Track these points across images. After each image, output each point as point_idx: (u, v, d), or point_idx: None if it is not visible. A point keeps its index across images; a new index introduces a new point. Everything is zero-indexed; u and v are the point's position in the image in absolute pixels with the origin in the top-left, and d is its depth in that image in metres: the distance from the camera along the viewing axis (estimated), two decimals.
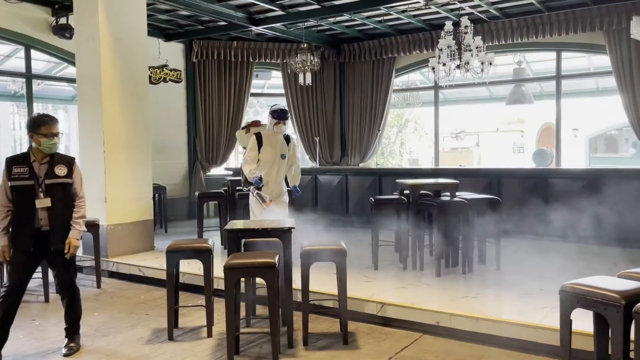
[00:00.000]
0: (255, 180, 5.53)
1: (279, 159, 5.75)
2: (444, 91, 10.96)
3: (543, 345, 3.80)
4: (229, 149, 10.36)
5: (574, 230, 6.83)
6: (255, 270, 3.70)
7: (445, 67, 7.57)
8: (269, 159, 5.68)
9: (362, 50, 10.34)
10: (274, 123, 5.63)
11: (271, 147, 5.68)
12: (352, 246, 7.02)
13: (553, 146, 9.47)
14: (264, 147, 5.65)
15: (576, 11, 8.19)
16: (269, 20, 8.58)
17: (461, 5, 8.08)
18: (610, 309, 2.71)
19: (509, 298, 4.73)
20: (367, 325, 4.52)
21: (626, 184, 6.85)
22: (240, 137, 6.06)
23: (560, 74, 9.11)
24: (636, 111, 7.94)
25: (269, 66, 10.75)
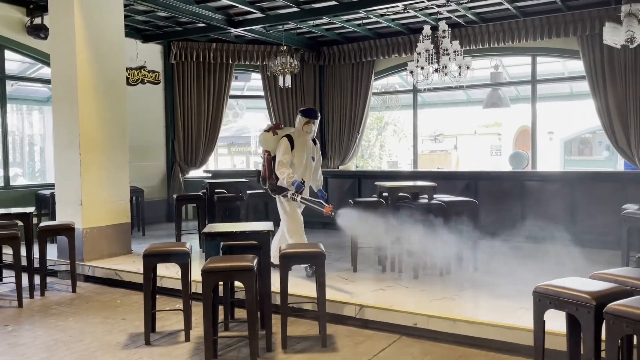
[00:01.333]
0: (297, 185, 5.29)
1: (309, 161, 5.57)
2: (422, 94, 11.06)
3: (518, 346, 3.86)
4: (208, 151, 10.29)
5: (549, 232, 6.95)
6: (233, 273, 3.69)
7: (424, 70, 7.63)
8: (300, 162, 5.50)
9: (341, 53, 10.38)
10: (304, 122, 5.46)
11: (301, 149, 5.48)
12: (332, 249, 7.07)
13: (529, 149, 9.64)
14: (295, 149, 5.44)
15: (551, 17, 8.35)
16: (248, 22, 8.55)
17: (439, 10, 8.17)
18: (581, 310, 2.76)
19: (485, 299, 4.80)
20: (346, 328, 4.53)
21: (599, 186, 7.00)
22: (266, 140, 5.62)
23: (535, 78, 9.26)
24: (608, 115, 8.12)
25: (248, 68, 10.72)
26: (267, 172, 5.61)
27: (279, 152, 5.44)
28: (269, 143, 5.61)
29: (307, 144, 5.55)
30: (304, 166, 5.54)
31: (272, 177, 5.56)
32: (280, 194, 5.52)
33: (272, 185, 5.57)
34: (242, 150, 19.27)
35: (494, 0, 7.84)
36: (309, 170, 5.61)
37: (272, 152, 5.58)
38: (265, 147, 5.65)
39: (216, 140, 10.35)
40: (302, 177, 5.48)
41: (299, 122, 5.51)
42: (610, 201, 6.51)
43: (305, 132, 5.49)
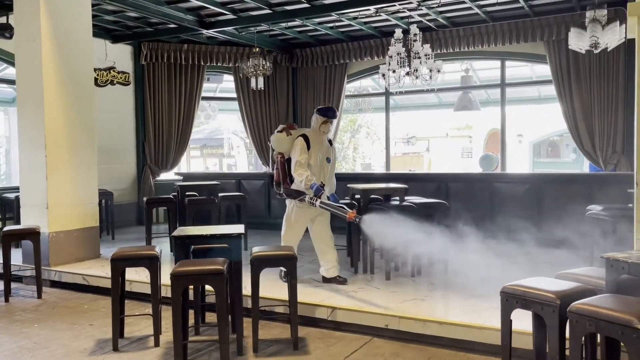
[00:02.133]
0: (316, 188, 5.03)
1: (325, 162, 5.33)
2: (395, 97, 11.15)
3: (488, 345, 3.91)
4: (179, 153, 10.17)
5: (518, 233, 7.09)
6: (203, 277, 3.65)
7: (395, 73, 7.70)
8: (316, 163, 5.24)
9: (314, 55, 10.40)
10: (322, 122, 5.23)
11: (317, 150, 5.25)
12: (305, 251, 7.06)
13: (499, 151, 9.80)
14: (311, 150, 5.19)
15: (519, 22, 8.52)
16: (220, 23, 8.49)
17: (410, 14, 8.25)
18: (546, 309, 2.82)
19: (455, 300, 4.86)
20: (318, 330, 4.53)
21: (566, 188, 7.17)
22: (280, 141, 5.31)
23: (504, 82, 9.44)
24: (574, 118, 8.32)
25: (220, 70, 10.64)
26: (281, 175, 5.30)
27: (295, 153, 5.16)
28: (282, 144, 5.30)
29: (324, 144, 5.33)
30: (320, 167, 5.29)
31: (287, 181, 5.26)
32: (297, 199, 5.22)
33: (287, 190, 5.26)
34: (215, 153, 19.11)
35: (464, 5, 7.96)
36: (325, 171, 5.36)
37: (287, 154, 5.29)
38: (278, 149, 5.34)
39: (188, 142, 10.24)
40: (318, 179, 5.21)
41: (316, 121, 5.28)
42: (576, 202, 6.66)
43: (323, 132, 5.27)
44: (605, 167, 8.08)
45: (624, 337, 2.43)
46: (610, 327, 2.48)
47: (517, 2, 7.82)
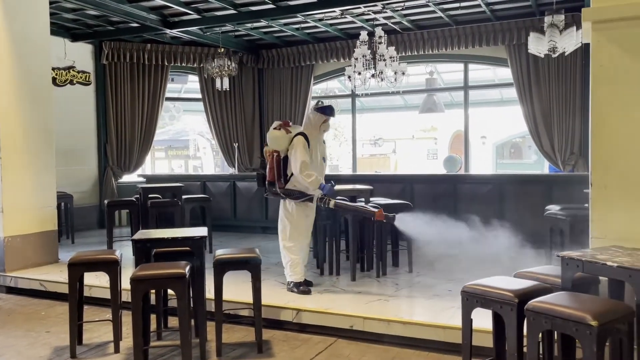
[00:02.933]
0: (328, 188, 4.88)
1: (322, 162, 5.17)
2: (361, 99, 11.23)
3: (450, 344, 3.96)
4: (142, 155, 9.98)
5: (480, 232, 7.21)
6: (163, 281, 3.57)
7: (361, 75, 7.75)
8: (315, 163, 5.04)
9: (280, 56, 10.37)
10: (323, 120, 5.01)
11: (315, 149, 5.06)
12: (271, 253, 7.03)
13: (462, 153, 9.98)
14: (311, 149, 4.97)
15: (481, 26, 8.70)
16: (183, 23, 8.38)
17: (375, 16, 8.32)
18: (505, 307, 2.87)
19: (419, 300, 4.91)
20: (283, 333, 4.50)
21: (527, 188, 7.34)
22: (277, 139, 4.97)
23: (467, 85, 9.61)
24: (534, 121, 8.54)
25: (185, 70, 10.49)
26: (275, 174, 5.01)
27: (297, 153, 4.86)
28: (280, 142, 4.99)
29: (321, 143, 5.18)
30: (319, 167, 5.12)
31: (281, 180, 5.00)
32: (301, 199, 4.99)
33: (286, 190, 5.00)
34: (181, 154, 18.84)
35: (428, 9, 8.07)
36: (322, 171, 5.19)
37: (283, 153, 5.00)
38: (275, 147, 5.00)
39: (151, 143, 10.07)
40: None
41: (317, 119, 5.03)
42: (536, 202, 6.83)
43: (322, 130, 5.08)
44: (564, 168, 8.32)
45: (578, 334, 2.49)
46: (565, 324, 2.54)
47: (479, 7, 7.98)
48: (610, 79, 3.46)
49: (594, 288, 3.22)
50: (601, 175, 3.51)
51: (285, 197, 5.02)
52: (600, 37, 3.48)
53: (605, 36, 3.47)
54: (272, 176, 5.01)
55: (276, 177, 4.99)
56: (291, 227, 5.09)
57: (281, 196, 5.03)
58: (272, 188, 5.04)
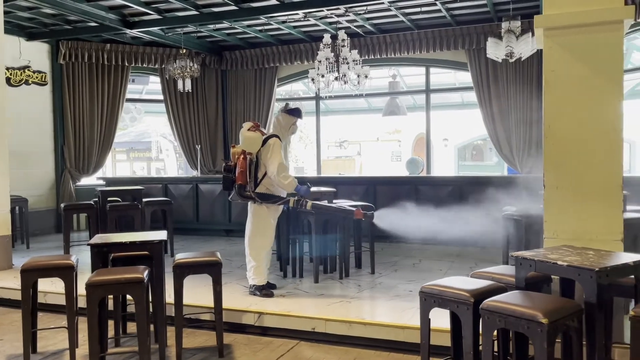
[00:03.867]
0: (305, 190, 4.95)
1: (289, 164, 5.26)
2: (326, 101, 11.27)
3: (409, 344, 4.01)
4: (102, 157, 9.75)
5: (441, 234, 7.35)
6: (120, 286, 3.50)
7: (324, 78, 7.79)
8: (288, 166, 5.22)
9: (244, 58, 10.31)
10: (292, 122, 5.03)
11: (286, 151, 5.20)
12: (234, 256, 6.99)
13: (425, 155, 10.14)
14: (283, 151, 4.99)
15: (442, 30, 8.86)
16: (144, 23, 8.24)
17: (338, 19, 8.37)
18: (461, 307, 2.93)
19: (380, 300, 4.96)
20: (244, 336, 4.48)
21: (486, 190, 7.50)
22: (255, 140, 4.86)
23: (429, 88, 9.77)
24: (493, 124, 8.75)
25: (146, 71, 10.31)
26: (247, 177, 4.85)
27: (275, 155, 4.81)
28: (256, 144, 4.87)
29: (288, 145, 5.23)
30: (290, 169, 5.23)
31: (251, 183, 4.87)
32: (278, 203, 4.96)
33: (261, 194, 4.90)
34: (143, 156, 18.50)
35: (390, 13, 8.17)
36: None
37: (254, 155, 4.91)
38: (249, 149, 4.87)
39: (111, 145, 9.85)
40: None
41: (287, 121, 5.03)
42: (494, 203, 6.98)
43: (291, 132, 5.10)
44: (521, 170, 8.55)
45: (529, 331, 2.57)
46: (518, 322, 2.61)
47: (440, 12, 8.13)
48: (560, 84, 3.58)
49: (546, 287, 3.32)
50: (553, 176, 3.63)
51: (261, 201, 4.92)
52: (552, 43, 3.60)
53: (556, 42, 3.59)
54: (244, 179, 4.85)
55: (248, 180, 4.87)
56: (262, 230, 5.03)
57: (256, 200, 4.91)
58: (244, 191, 4.88)
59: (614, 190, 3.46)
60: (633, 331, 2.55)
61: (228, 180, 4.95)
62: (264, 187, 4.95)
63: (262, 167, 4.91)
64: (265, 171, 4.92)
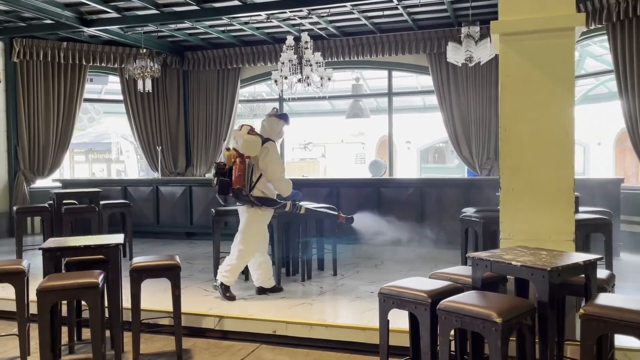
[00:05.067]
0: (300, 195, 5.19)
1: None
2: (289, 103, 11.24)
3: (371, 345, 4.03)
4: (58, 159, 9.45)
5: (403, 235, 7.44)
6: (73, 291, 3.39)
7: (288, 80, 7.78)
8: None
9: (206, 59, 10.19)
10: (283, 126, 5.08)
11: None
12: (196, 260, 6.89)
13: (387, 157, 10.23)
14: None
15: (404, 34, 8.98)
16: (102, 22, 8.03)
17: (301, 21, 8.37)
18: (419, 308, 2.97)
19: (342, 302, 4.97)
20: (204, 340, 4.41)
21: (447, 192, 7.64)
22: (254, 144, 4.83)
23: (391, 91, 9.88)
24: (453, 127, 8.91)
25: (105, 70, 10.06)
26: (243, 181, 4.80)
27: (275, 159, 4.90)
28: (256, 147, 4.84)
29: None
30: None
31: (247, 187, 4.83)
32: (276, 207, 5.02)
33: (262, 198, 4.91)
34: (102, 158, 18.04)
35: (353, 16, 8.22)
36: None
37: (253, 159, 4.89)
38: (248, 152, 4.82)
39: (68, 146, 9.55)
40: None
41: (278, 126, 5.05)
42: (455, 205, 7.13)
43: (279, 137, 5.13)
44: (480, 172, 8.74)
45: (484, 331, 2.62)
46: (473, 322, 2.66)
47: (402, 16, 8.23)
48: (516, 88, 3.67)
49: (502, 286, 3.40)
50: (509, 179, 3.71)
51: (260, 204, 4.90)
52: (507, 48, 3.69)
53: (511, 48, 3.68)
54: (242, 183, 4.80)
55: (244, 183, 4.83)
56: (254, 234, 5.01)
57: (255, 204, 4.89)
58: (241, 195, 4.82)
59: (566, 192, 3.56)
60: (583, 328, 2.63)
61: (225, 184, 4.84)
62: (259, 190, 4.93)
63: (256, 170, 4.90)
64: (259, 174, 4.91)
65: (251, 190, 4.88)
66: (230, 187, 4.82)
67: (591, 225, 4.55)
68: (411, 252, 7.22)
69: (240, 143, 4.85)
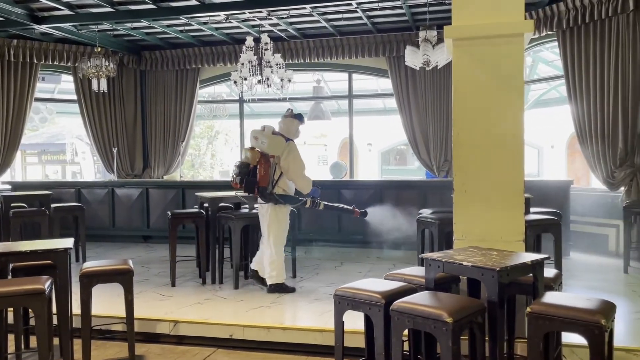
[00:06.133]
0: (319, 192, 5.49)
1: None
2: (250, 105, 11.17)
3: (328, 347, 4.02)
4: (7, 160, 9.07)
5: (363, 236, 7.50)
6: (17, 298, 3.26)
7: (247, 81, 7.71)
8: None
9: (164, 58, 10.00)
10: (299, 125, 5.40)
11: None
12: (153, 263, 6.76)
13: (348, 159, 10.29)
14: None
15: (363, 37, 9.04)
16: (54, 19, 7.77)
17: (261, 23, 8.32)
18: (373, 309, 2.98)
19: (300, 304, 4.96)
20: (159, 346, 4.34)
21: (406, 193, 7.74)
22: (280, 143, 5.22)
23: (352, 94, 9.94)
24: (412, 130, 9.03)
25: (58, 69, 9.74)
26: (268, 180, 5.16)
27: (297, 157, 5.27)
28: (281, 147, 5.22)
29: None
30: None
31: (270, 185, 5.17)
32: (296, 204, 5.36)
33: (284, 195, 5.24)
34: (56, 159, 17.48)
35: (313, 18, 8.22)
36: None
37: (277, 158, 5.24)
38: (275, 152, 5.21)
39: (17, 147, 9.18)
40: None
41: (294, 125, 5.38)
42: (413, 206, 7.22)
43: (296, 137, 5.42)
44: (438, 174, 8.88)
45: (435, 331, 2.65)
46: (425, 322, 2.69)
47: (361, 19, 8.28)
48: (467, 92, 3.75)
49: (455, 286, 3.46)
50: (462, 180, 3.78)
51: (284, 202, 5.23)
52: (460, 53, 3.76)
53: (464, 52, 3.75)
54: (266, 181, 5.14)
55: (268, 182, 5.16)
56: (283, 228, 5.30)
57: (279, 201, 5.19)
58: (266, 193, 5.15)
59: (515, 194, 3.66)
60: (529, 326, 2.70)
61: (252, 182, 5.15)
62: (280, 188, 5.26)
63: (278, 169, 5.23)
64: (280, 173, 5.24)
65: (273, 188, 5.21)
66: (256, 185, 5.14)
67: (541, 226, 4.69)
68: (371, 253, 7.29)
69: (266, 143, 5.19)
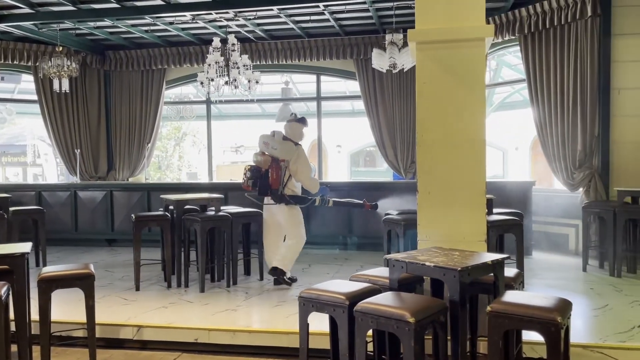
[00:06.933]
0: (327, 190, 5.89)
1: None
2: (219, 106, 11.07)
3: (293, 349, 4.01)
4: None
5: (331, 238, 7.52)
6: None
7: (214, 82, 7.65)
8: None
9: (129, 59, 9.83)
10: (303, 128, 5.69)
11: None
12: (116, 267, 6.63)
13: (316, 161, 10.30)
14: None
15: (332, 40, 9.08)
16: (13, 17, 7.55)
17: (228, 23, 8.27)
18: (338, 310, 2.99)
19: (267, 307, 4.94)
20: (122, 352, 4.25)
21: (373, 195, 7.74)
22: (291, 148, 5.57)
23: (320, 96, 9.96)
24: (380, 132, 9.11)
25: (17, 68, 9.45)
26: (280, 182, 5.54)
27: (306, 160, 5.60)
28: (292, 152, 5.57)
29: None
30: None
31: (280, 187, 5.53)
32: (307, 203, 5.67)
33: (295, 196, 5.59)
34: (17, 161, 16.97)
35: (280, 19, 8.21)
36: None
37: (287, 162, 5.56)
38: (286, 156, 5.55)
39: None
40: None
41: (299, 128, 5.67)
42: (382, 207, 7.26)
43: (300, 140, 5.71)
44: (405, 176, 8.98)
45: (398, 331, 2.68)
46: (388, 322, 2.71)
47: (329, 21, 8.31)
48: (431, 95, 3.80)
49: (419, 287, 3.50)
50: (425, 182, 3.84)
51: (294, 203, 5.58)
52: (423, 56, 3.82)
53: (427, 56, 3.81)
54: (278, 184, 5.52)
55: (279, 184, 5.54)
56: (301, 227, 5.64)
57: (290, 202, 5.55)
58: (277, 194, 5.52)
59: (478, 194, 3.73)
60: (489, 325, 2.76)
61: (265, 185, 5.55)
62: (289, 189, 5.60)
63: (287, 171, 5.57)
64: (289, 175, 5.58)
65: (283, 190, 5.55)
66: (269, 188, 5.53)
67: (502, 226, 4.79)
68: (339, 254, 7.31)
69: (278, 149, 5.53)
